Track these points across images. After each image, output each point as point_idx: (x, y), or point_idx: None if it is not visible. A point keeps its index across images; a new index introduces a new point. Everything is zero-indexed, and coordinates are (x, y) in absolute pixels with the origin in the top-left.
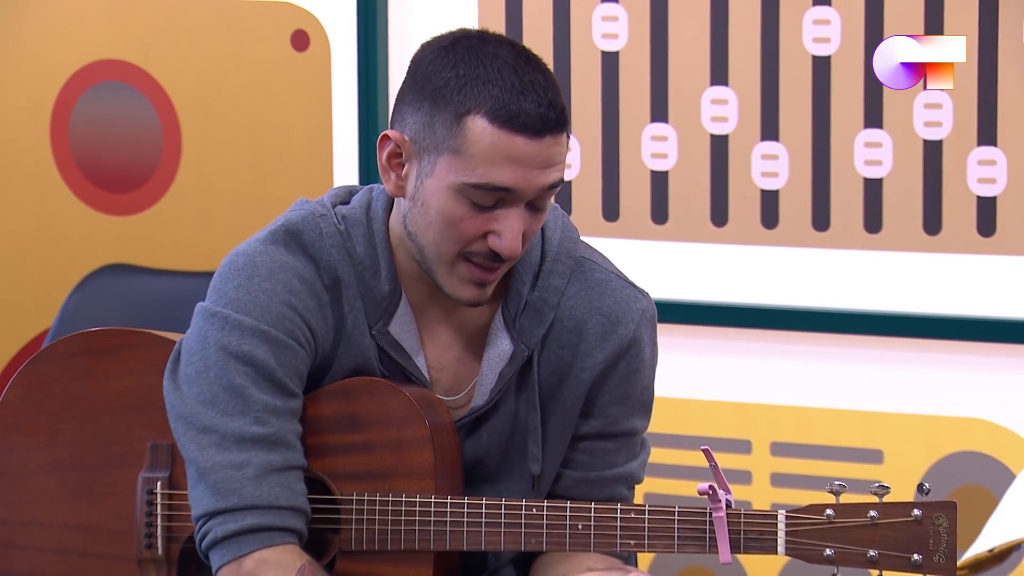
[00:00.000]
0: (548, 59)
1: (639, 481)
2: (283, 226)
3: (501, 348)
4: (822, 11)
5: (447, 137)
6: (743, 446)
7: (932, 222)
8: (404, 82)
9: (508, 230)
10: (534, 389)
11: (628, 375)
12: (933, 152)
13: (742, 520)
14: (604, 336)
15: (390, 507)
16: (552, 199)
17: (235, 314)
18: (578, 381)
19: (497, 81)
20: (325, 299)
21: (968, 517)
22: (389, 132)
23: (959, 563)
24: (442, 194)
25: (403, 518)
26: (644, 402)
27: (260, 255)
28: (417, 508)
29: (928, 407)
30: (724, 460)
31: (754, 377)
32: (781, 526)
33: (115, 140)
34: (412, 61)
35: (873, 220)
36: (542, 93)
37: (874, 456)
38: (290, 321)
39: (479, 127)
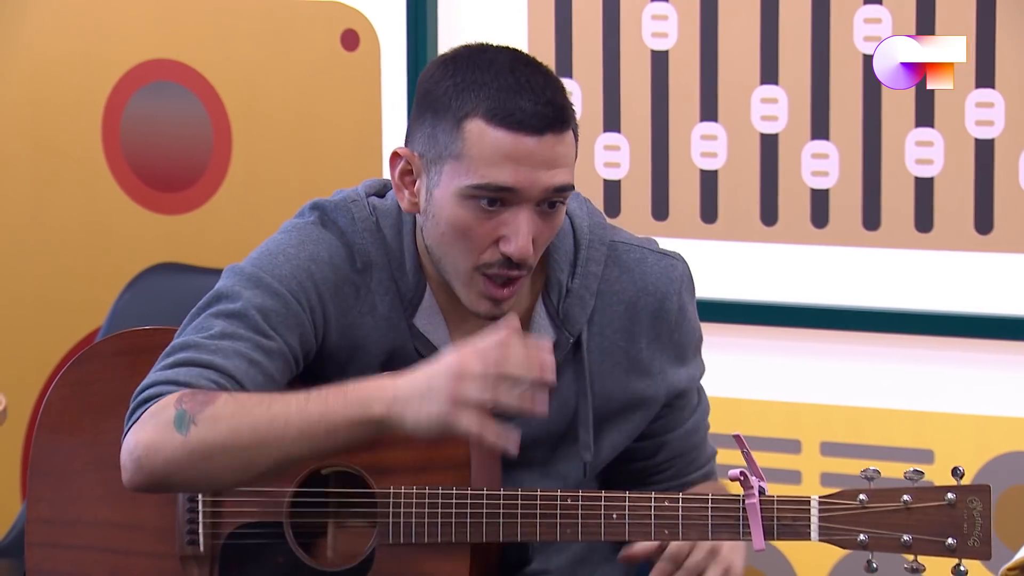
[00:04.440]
0: (597, 58)
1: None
2: (317, 208)
3: (544, 337)
4: (873, 9)
5: (449, 144)
6: (793, 446)
7: (984, 221)
8: (413, 101)
9: (516, 233)
10: (585, 377)
11: (681, 340)
12: (985, 151)
13: (775, 506)
14: (655, 315)
15: (427, 500)
16: (564, 207)
17: (249, 267)
18: (638, 362)
19: (493, 83)
20: (350, 279)
21: (1020, 517)
22: (399, 149)
23: (1008, 566)
24: (449, 202)
25: (440, 511)
26: (698, 347)
27: (297, 229)
28: (454, 500)
29: (980, 407)
30: (774, 460)
31: (804, 377)
32: (814, 512)
33: (166, 139)
34: (418, 80)
35: (924, 219)
36: (539, 92)
37: (925, 456)
38: (298, 283)
39: (477, 129)
